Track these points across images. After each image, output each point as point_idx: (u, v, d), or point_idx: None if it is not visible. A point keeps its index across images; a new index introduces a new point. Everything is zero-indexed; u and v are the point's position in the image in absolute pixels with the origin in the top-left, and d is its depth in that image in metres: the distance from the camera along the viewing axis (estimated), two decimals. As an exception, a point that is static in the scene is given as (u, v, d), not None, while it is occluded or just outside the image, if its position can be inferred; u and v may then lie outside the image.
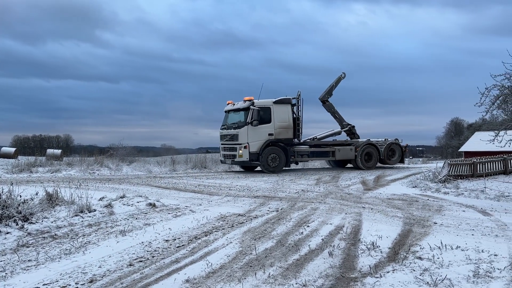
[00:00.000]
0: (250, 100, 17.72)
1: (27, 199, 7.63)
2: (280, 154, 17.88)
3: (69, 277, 4.54)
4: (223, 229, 6.79)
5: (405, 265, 4.79)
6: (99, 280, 4.43)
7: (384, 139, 21.20)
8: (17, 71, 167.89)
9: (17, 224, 6.48)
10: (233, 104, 18.86)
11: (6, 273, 4.65)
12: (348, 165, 21.31)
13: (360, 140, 20.72)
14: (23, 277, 4.56)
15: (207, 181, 14.46)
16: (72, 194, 8.29)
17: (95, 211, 7.84)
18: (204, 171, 20.82)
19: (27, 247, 5.70)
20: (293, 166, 20.60)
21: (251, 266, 4.82)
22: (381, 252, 5.34)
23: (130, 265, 4.96)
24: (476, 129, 46.18)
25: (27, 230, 6.35)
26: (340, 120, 21.40)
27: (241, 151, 17.47)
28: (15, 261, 5.08)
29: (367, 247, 5.53)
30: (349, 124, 21.28)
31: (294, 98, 18.90)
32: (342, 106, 20.95)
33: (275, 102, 18.13)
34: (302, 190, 12.00)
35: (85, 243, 5.91)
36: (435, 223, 7.23)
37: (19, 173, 17.92)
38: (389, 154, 20.78)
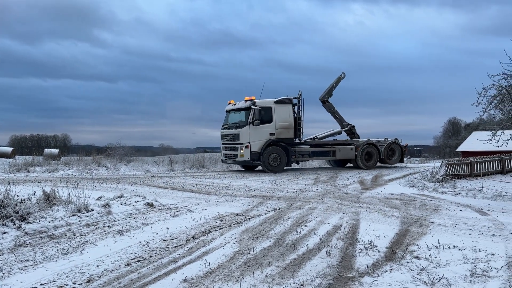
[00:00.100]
0: (251, 100, 17.73)
1: (24, 199, 7.60)
2: (281, 154, 17.91)
3: (67, 277, 4.53)
4: (221, 228, 6.79)
5: (402, 264, 4.80)
6: (97, 280, 4.42)
7: (384, 138, 21.27)
8: (15, 71, 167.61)
9: (14, 224, 6.46)
10: (234, 104, 18.84)
11: (3, 273, 4.64)
12: (348, 165, 21.38)
13: (360, 140, 20.77)
14: (21, 277, 4.55)
15: (205, 181, 14.45)
16: (69, 194, 8.27)
17: (92, 210, 7.82)
18: (202, 170, 20.81)
19: (25, 246, 5.69)
20: (292, 166, 20.61)
21: (249, 266, 4.82)
22: (378, 251, 5.35)
23: (128, 264, 4.96)
24: (473, 129, 46.36)
25: (24, 230, 6.34)
26: (340, 120, 21.45)
27: (242, 151, 17.49)
28: (12, 261, 5.07)
29: (364, 246, 5.54)
30: (349, 124, 21.33)
31: (295, 98, 18.92)
32: (341, 106, 21.01)
33: (276, 102, 18.15)
34: (300, 189, 12.01)
35: (83, 242, 5.90)
36: (432, 222, 7.25)
37: (16, 173, 17.86)
38: (389, 154, 20.84)
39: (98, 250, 5.53)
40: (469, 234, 6.37)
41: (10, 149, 43.41)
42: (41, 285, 4.31)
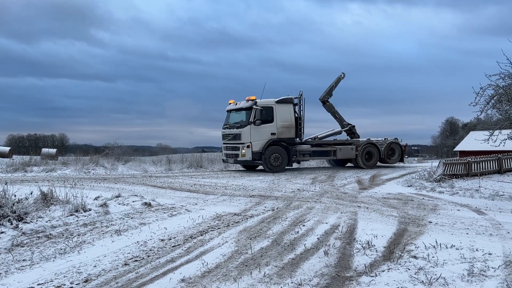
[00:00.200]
0: (252, 100, 17.76)
1: (21, 199, 7.59)
2: (282, 154, 17.96)
3: (64, 276, 4.52)
4: (218, 228, 6.78)
5: (400, 264, 4.81)
6: (94, 280, 4.41)
7: (384, 138, 21.38)
8: (12, 70, 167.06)
9: (11, 224, 6.44)
10: (235, 104, 18.87)
11: (0, 273, 4.62)
12: (349, 164, 21.47)
13: (360, 139, 20.86)
14: (18, 277, 4.53)
15: (203, 181, 14.44)
16: (67, 194, 8.25)
17: (90, 210, 7.81)
18: (200, 170, 20.79)
19: (22, 246, 5.68)
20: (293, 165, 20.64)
21: (246, 266, 4.82)
22: (376, 251, 5.35)
23: (126, 264, 4.95)
24: (471, 128, 46.47)
25: (21, 230, 6.32)
26: (340, 120, 21.55)
27: (244, 151, 17.52)
28: (9, 261, 5.05)
29: (362, 246, 5.55)
30: (349, 124, 21.43)
31: (296, 98, 18.96)
32: (339, 106, 21.09)
33: (277, 102, 18.18)
34: (298, 189, 12.01)
35: (80, 242, 5.89)
36: (430, 222, 7.26)
37: (13, 173, 17.80)
38: (389, 154, 20.93)
39: (95, 250, 5.52)
40: (467, 233, 6.39)
41: (8, 148, 43.20)
42: (38, 285, 4.29)
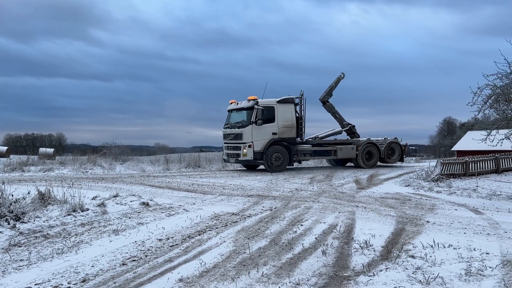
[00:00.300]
0: (254, 100, 17.80)
1: (19, 198, 7.56)
2: (283, 153, 18.01)
3: (62, 276, 4.51)
4: (216, 228, 6.78)
5: (398, 263, 4.82)
6: (92, 280, 4.40)
7: (383, 138, 21.48)
8: (9, 69, 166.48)
9: (8, 224, 6.41)
10: (237, 104, 18.90)
11: (-3, 273, 4.61)
12: (349, 164, 21.55)
13: (360, 139, 20.95)
14: (15, 276, 4.52)
15: (201, 180, 14.43)
16: (64, 193, 8.22)
17: (88, 210, 7.78)
18: (198, 170, 20.77)
19: (19, 246, 5.66)
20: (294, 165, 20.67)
21: (244, 265, 4.82)
22: (374, 250, 5.36)
23: (123, 264, 4.94)
24: (468, 128, 46.51)
25: (19, 230, 6.30)
26: (340, 120, 21.63)
27: (245, 150, 17.55)
28: (6, 260, 5.04)
29: (360, 245, 5.55)
30: (349, 124, 21.50)
31: (297, 98, 19.01)
32: (338, 106, 21.13)
33: (278, 102, 18.22)
34: (296, 189, 12.02)
35: (78, 242, 5.88)
36: (427, 221, 7.27)
37: (11, 172, 17.75)
38: (389, 153, 21.02)
39: (93, 250, 5.51)
40: (464, 233, 6.40)
41: (5, 148, 43.09)
42: (35, 285, 4.28)
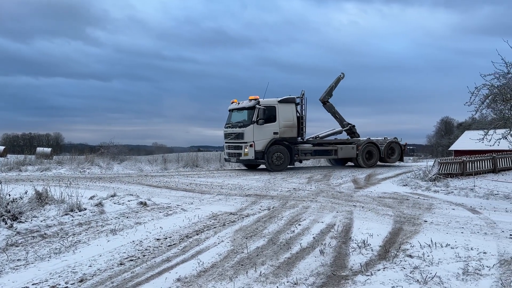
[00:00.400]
0: (255, 99, 17.84)
1: (16, 198, 7.55)
2: (284, 153, 18.06)
3: (59, 276, 4.50)
4: (214, 227, 6.77)
5: (395, 263, 4.83)
6: (89, 280, 4.39)
7: (383, 137, 21.58)
8: (6, 69, 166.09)
9: (6, 223, 6.40)
10: (238, 103, 18.93)
11: (-6, 273, 4.60)
12: (349, 163, 21.65)
13: (361, 139, 21.03)
14: (12, 276, 4.50)
15: (199, 180, 14.42)
16: (62, 193, 8.20)
17: (85, 210, 7.77)
18: (196, 169, 20.76)
19: (16, 246, 5.64)
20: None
21: (242, 265, 4.82)
22: (372, 250, 5.37)
23: (121, 264, 4.93)
24: (466, 128, 46.62)
25: (16, 229, 6.28)
26: (340, 120, 21.73)
27: (246, 150, 17.59)
28: (4, 260, 5.02)
29: (358, 245, 5.56)
30: (349, 124, 21.59)
31: (298, 97, 19.07)
32: (336, 105, 21.21)
33: (280, 101, 18.27)
34: (294, 188, 12.02)
35: (75, 242, 5.86)
36: (425, 221, 7.29)
37: (8, 172, 17.70)
38: (389, 153, 21.14)
39: (91, 250, 5.50)
40: (462, 232, 6.42)
41: (2, 147, 42.96)
42: (33, 284, 4.27)
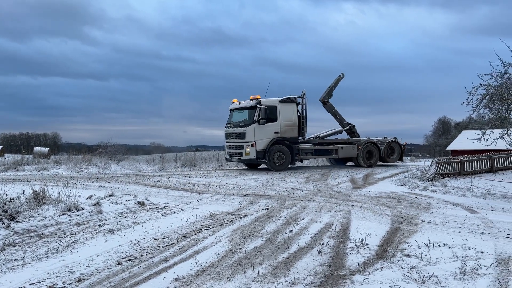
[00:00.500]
0: (256, 99, 17.86)
1: (13, 198, 7.52)
2: (285, 152, 18.10)
3: (56, 276, 4.49)
4: (212, 227, 6.77)
5: (393, 262, 4.83)
6: (87, 280, 4.38)
7: (383, 137, 21.67)
8: (4, 68, 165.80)
9: (3, 223, 6.37)
10: (239, 103, 18.94)
11: (-9, 273, 4.58)
12: (349, 163, 21.74)
13: (361, 138, 21.09)
14: (10, 276, 4.49)
15: (197, 180, 14.41)
16: (59, 193, 8.18)
17: (83, 209, 7.75)
18: (194, 169, 20.74)
19: (14, 246, 5.62)
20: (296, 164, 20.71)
21: (240, 265, 4.82)
22: (369, 249, 5.38)
23: (119, 264, 4.92)
24: (463, 128, 46.73)
25: (13, 229, 6.26)
26: (340, 120, 21.81)
27: (248, 149, 17.60)
28: (1, 260, 5.00)
29: (355, 244, 5.57)
30: (349, 124, 21.66)
31: (299, 97, 19.11)
32: (335, 105, 21.29)
33: (281, 101, 18.30)
34: (292, 188, 12.03)
35: (73, 242, 5.85)
36: (422, 220, 7.30)
37: (5, 172, 17.65)
38: (389, 152, 21.25)
39: (88, 249, 5.49)
40: (459, 232, 6.43)
41: (-1, 147, 42.87)
42: (30, 284, 4.26)
